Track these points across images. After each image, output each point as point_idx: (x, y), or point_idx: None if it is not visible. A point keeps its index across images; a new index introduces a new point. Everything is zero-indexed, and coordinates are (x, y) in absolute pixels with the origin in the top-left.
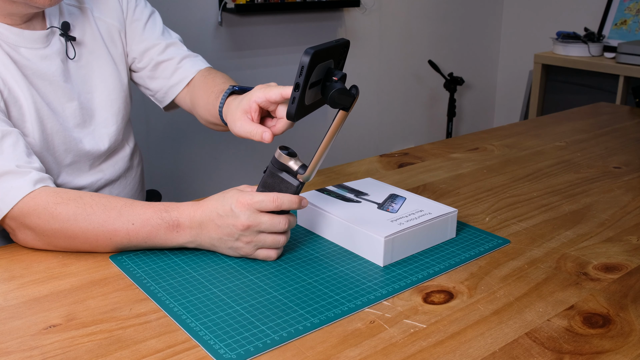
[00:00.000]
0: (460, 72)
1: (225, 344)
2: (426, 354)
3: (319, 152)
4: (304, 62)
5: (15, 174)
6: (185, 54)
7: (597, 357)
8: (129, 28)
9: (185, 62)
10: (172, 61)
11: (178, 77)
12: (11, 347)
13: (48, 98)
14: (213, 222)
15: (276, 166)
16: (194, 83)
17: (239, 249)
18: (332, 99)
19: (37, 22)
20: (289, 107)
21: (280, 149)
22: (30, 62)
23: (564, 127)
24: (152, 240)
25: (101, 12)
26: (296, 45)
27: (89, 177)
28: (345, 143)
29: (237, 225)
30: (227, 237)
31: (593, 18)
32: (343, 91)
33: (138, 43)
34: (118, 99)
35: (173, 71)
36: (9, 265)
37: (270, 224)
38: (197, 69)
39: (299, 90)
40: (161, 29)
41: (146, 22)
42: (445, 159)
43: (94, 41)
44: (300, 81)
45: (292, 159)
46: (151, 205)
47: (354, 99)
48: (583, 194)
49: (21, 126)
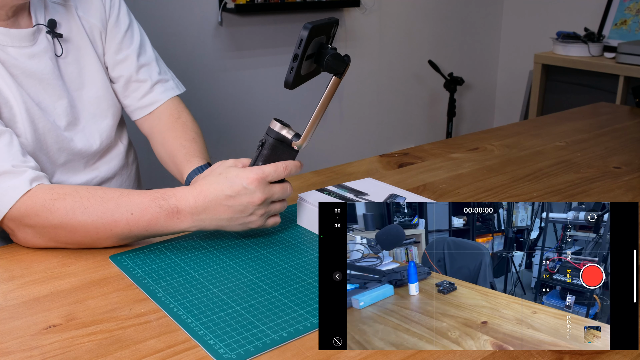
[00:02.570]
0: (460, 72)
1: (225, 344)
2: (426, 354)
3: (313, 119)
4: (303, 35)
5: (11, 173)
6: (157, 79)
7: (597, 357)
8: (109, 34)
9: (156, 88)
10: (145, 84)
11: (146, 101)
12: (11, 347)
13: (38, 97)
14: (221, 204)
15: (275, 138)
16: (159, 114)
17: (251, 222)
18: (327, 64)
19: (22, 20)
20: (287, 75)
21: (275, 121)
22: (18, 61)
23: (564, 127)
24: (153, 228)
25: (85, 12)
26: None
27: (83, 175)
28: (345, 143)
29: (254, 200)
30: (240, 214)
31: (593, 18)
32: (337, 56)
33: (114, 53)
34: (107, 94)
35: (142, 95)
36: (9, 265)
37: (282, 192)
38: (164, 98)
39: (297, 61)
40: (138, 43)
41: (125, 32)
42: (445, 159)
43: (80, 38)
44: (299, 52)
45: (286, 128)
46: (148, 193)
47: (346, 65)
48: (583, 194)
49: (13, 127)
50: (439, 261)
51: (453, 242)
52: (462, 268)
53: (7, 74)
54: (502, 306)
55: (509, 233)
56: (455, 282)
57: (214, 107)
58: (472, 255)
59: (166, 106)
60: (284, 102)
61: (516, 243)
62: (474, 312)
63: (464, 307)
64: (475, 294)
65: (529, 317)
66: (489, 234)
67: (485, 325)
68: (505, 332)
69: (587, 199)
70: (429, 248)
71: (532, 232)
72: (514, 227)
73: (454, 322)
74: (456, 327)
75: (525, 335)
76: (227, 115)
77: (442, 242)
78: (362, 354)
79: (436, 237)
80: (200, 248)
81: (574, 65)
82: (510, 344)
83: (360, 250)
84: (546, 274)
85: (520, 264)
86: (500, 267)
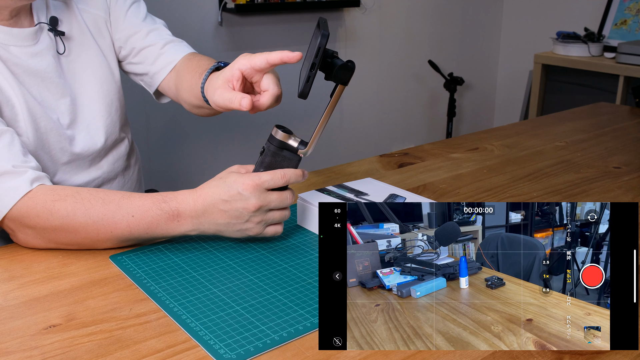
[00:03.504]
0: (460, 72)
1: (225, 344)
2: (426, 354)
3: (319, 126)
4: (321, 43)
5: (12, 174)
6: (168, 39)
7: (597, 357)
8: (113, 16)
9: (168, 48)
10: (155, 47)
11: (161, 63)
12: (11, 347)
13: (40, 96)
14: (217, 208)
15: (277, 145)
16: (178, 68)
17: (248, 230)
18: (336, 75)
19: (24, 19)
20: (304, 86)
21: (277, 128)
22: (20, 60)
23: (564, 127)
24: (153, 231)
25: (85, 4)
26: (296, 45)
27: (86, 175)
28: (345, 143)
29: (249, 207)
30: (236, 220)
31: (593, 18)
32: (345, 67)
33: (121, 30)
34: (110, 91)
35: (156, 57)
36: (9, 265)
37: (280, 201)
38: (180, 54)
39: (315, 70)
40: (144, 15)
41: (128, 8)
42: (445, 159)
43: (81, 34)
44: (317, 61)
45: (291, 136)
46: (149, 196)
47: (352, 73)
48: (583, 194)
49: (14, 126)
50: (492, 257)
51: (507, 238)
52: (514, 264)
53: (9, 73)
54: (552, 305)
55: (572, 227)
56: (505, 278)
57: None
58: (526, 250)
59: (183, 61)
60: (283, 102)
61: (581, 238)
62: (520, 309)
63: (510, 303)
64: (525, 291)
65: (581, 318)
66: (549, 229)
67: (530, 323)
68: (551, 331)
69: (587, 199)
70: (483, 244)
71: (600, 226)
72: (577, 221)
73: (499, 316)
74: (500, 322)
75: (573, 337)
76: (227, 114)
77: (496, 238)
78: (362, 354)
79: (490, 233)
80: (200, 248)
81: (574, 65)
82: (555, 344)
83: (421, 246)
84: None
85: (583, 260)
86: (560, 265)
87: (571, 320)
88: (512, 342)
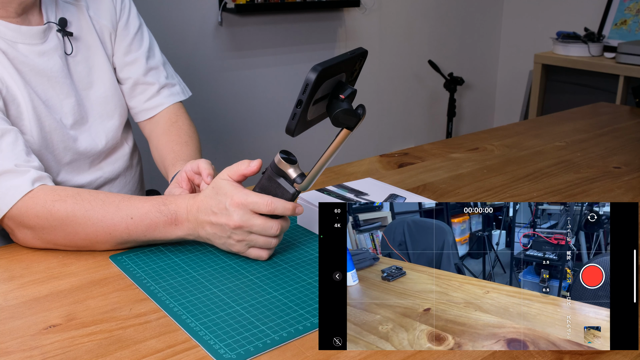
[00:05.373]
0: (460, 72)
1: (225, 344)
2: (426, 354)
3: (318, 165)
4: (309, 79)
5: (13, 173)
6: (164, 83)
7: (597, 357)
8: (119, 36)
9: (162, 92)
10: (152, 87)
11: (150, 105)
12: (11, 347)
13: (46, 95)
14: (207, 218)
15: (274, 171)
16: (158, 119)
17: (231, 245)
18: (336, 119)
19: (33, 17)
20: (289, 122)
21: (281, 154)
22: (27, 59)
23: (564, 127)
24: (151, 234)
25: (95, 12)
26: (296, 45)
27: (88, 175)
28: (346, 143)
29: (230, 223)
30: (221, 233)
31: (593, 18)
32: (348, 112)
33: (123, 54)
34: (115, 95)
35: (148, 98)
36: (9, 265)
37: (262, 228)
38: (169, 102)
39: (301, 108)
40: (147, 46)
41: (134, 35)
42: (445, 159)
43: (90, 37)
44: (304, 98)
45: (292, 166)
46: (149, 199)
47: (359, 120)
48: (583, 194)
49: (19, 124)
50: (400, 245)
51: (413, 223)
52: (425, 250)
53: (15, 71)
54: (453, 289)
55: (487, 211)
56: (406, 267)
57: (214, 107)
58: (435, 235)
59: (167, 111)
60: (284, 102)
61: (495, 221)
62: (419, 299)
63: (408, 294)
64: (426, 278)
65: (480, 298)
66: (465, 214)
67: (427, 313)
68: (449, 317)
69: (587, 199)
70: (387, 232)
71: (510, 210)
72: (489, 205)
73: (391, 312)
74: (391, 319)
75: (470, 319)
76: (227, 115)
77: (402, 223)
78: (362, 354)
79: (396, 218)
80: (200, 248)
81: (574, 65)
82: (450, 332)
83: None
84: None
85: (497, 242)
86: (478, 248)
87: (472, 302)
88: (403, 339)
